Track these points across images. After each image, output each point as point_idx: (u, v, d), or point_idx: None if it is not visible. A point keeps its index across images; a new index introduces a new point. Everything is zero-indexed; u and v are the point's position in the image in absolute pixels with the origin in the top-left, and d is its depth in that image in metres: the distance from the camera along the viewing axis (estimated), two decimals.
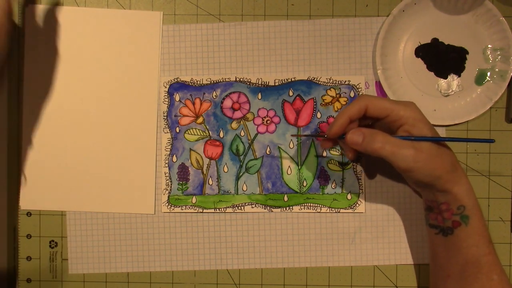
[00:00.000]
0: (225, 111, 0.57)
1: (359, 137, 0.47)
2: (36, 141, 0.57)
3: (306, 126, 0.57)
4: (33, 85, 0.57)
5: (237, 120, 0.57)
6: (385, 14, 0.57)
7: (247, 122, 0.57)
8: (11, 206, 0.57)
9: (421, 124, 0.47)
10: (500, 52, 0.56)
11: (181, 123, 0.57)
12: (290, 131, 0.57)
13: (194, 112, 0.57)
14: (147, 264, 0.58)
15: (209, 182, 0.57)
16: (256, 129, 0.57)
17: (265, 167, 0.57)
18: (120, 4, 0.57)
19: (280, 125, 0.57)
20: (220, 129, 0.57)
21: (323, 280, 0.57)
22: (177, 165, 0.57)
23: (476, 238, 0.48)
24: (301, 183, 0.57)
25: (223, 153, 0.57)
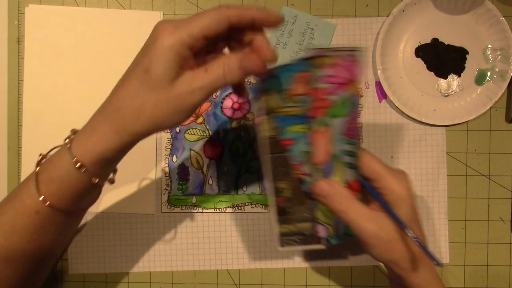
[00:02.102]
0: (225, 111, 0.57)
1: (327, 190, 0.42)
2: (36, 140, 0.57)
3: None
4: (33, 85, 0.57)
5: (237, 120, 0.57)
6: (385, 14, 0.57)
7: (247, 122, 0.57)
8: None
9: (404, 206, 0.42)
10: (500, 52, 0.56)
11: (181, 123, 0.57)
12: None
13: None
14: (147, 264, 0.58)
15: (209, 182, 0.57)
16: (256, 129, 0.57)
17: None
18: (120, 4, 0.57)
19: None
20: (220, 129, 0.57)
21: (323, 280, 0.57)
22: (177, 165, 0.57)
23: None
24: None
25: (223, 153, 0.57)
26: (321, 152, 0.43)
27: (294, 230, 0.46)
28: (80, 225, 0.57)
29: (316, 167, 0.43)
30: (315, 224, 0.45)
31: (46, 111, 0.57)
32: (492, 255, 0.57)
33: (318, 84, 0.41)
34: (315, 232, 0.45)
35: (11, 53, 0.57)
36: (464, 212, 0.57)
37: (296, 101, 0.42)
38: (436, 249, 0.57)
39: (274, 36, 0.56)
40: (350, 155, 0.43)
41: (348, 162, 0.43)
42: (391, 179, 0.42)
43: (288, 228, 0.46)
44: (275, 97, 0.42)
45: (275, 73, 0.42)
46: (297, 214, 0.45)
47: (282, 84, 0.42)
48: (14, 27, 0.57)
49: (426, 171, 0.57)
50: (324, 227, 0.45)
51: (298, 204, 0.45)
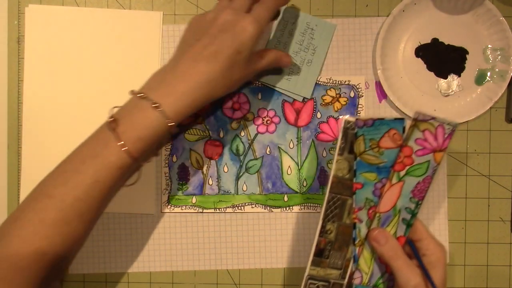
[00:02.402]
0: (225, 111, 0.57)
1: (383, 239, 0.47)
2: (36, 141, 0.57)
3: (306, 126, 0.57)
4: (33, 85, 0.57)
5: (237, 120, 0.57)
6: (385, 14, 0.57)
7: (247, 122, 0.57)
8: (11, 206, 0.57)
9: (441, 267, 0.47)
10: (500, 52, 0.56)
11: (181, 123, 0.57)
12: (290, 132, 0.57)
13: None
14: (147, 264, 0.58)
15: (209, 182, 0.57)
16: (256, 129, 0.57)
17: (265, 167, 0.57)
18: (120, 4, 0.57)
19: (280, 125, 0.57)
20: (220, 129, 0.57)
21: None
22: (177, 165, 0.57)
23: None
24: (301, 183, 0.57)
25: (223, 153, 0.57)
26: (387, 203, 0.47)
27: (322, 274, 0.49)
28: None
29: (378, 215, 0.48)
30: (355, 270, 0.49)
31: (46, 111, 0.57)
32: (492, 255, 0.57)
33: (411, 144, 0.46)
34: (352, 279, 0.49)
35: (11, 53, 0.57)
36: (464, 212, 0.57)
37: (381, 153, 0.47)
38: None
39: (275, 36, 0.56)
40: (410, 213, 0.47)
41: (405, 219, 0.47)
42: (434, 242, 0.47)
43: (318, 271, 0.49)
44: (362, 143, 0.47)
45: (373, 123, 0.46)
46: (332, 259, 0.49)
47: (374, 134, 0.47)
48: (14, 27, 0.57)
49: None
50: (361, 274, 0.49)
51: (336, 250, 0.49)
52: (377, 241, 0.47)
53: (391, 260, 0.46)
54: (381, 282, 0.49)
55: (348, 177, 0.48)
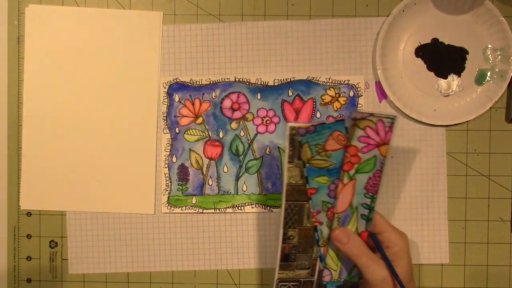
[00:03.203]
0: (225, 111, 0.57)
1: (345, 238, 0.48)
2: (36, 141, 0.57)
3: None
4: (33, 85, 0.57)
5: (237, 120, 0.57)
6: (385, 14, 0.57)
7: (246, 122, 0.57)
8: (11, 206, 0.57)
9: (404, 256, 0.48)
10: (500, 52, 0.56)
11: (181, 123, 0.57)
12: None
13: (193, 112, 0.57)
14: (147, 264, 0.58)
15: (209, 182, 0.57)
16: (255, 129, 0.57)
17: (265, 167, 0.57)
18: (120, 4, 0.57)
19: (279, 125, 0.57)
20: (219, 129, 0.57)
21: None
22: (177, 166, 0.57)
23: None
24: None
25: (222, 154, 0.57)
26: (343, 202, 0.48)
27: (292, 276, 0.50)
28: (80, 225, 0.57)
29: (337, 215, 0.48)
30: (323, 268, 0.50)
31: (46, 111, 0.57)
32: (492, 255, 0.57)
33: (355, 143, 0.47)
34: (322, 277, 0.50)
35: (11, 53, 0.57)
36: (464, 212, 0.57)
37: (328, 156, 0.47)
38: (436, 249, 0.57)
39: None
40: (367, 208, 0.48)
41: (363, 214, 0.48)
42: (395, 233, 0.48)
43: (287, 274, 0.50)
44: (309, 149, 0.47)
45: (315, 129, 0.47)
46: (298, 261, 0.50)
47: (318, 139, 0.47)
48: (14, 27, 0.57)
49: (426, 171, 0.57)
50: (330, 272, 0.50)
51: (301, 252, 0.50)
52: (339, 241, 0.48)
53: (355, 258, 0.47)
54: (352, 276, 0.50)
55: (301, 183, 0.48)
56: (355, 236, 0.48)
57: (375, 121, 0.46)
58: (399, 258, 0.47)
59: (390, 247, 0.48)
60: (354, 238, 0.48)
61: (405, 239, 0.49)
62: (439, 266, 0.57)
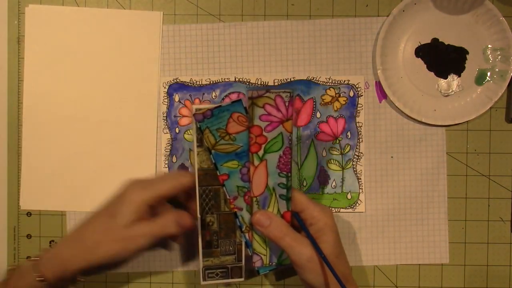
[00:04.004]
0: None
1: (267, 221, 0.47)
2: (36, 141, 0.57)
3: (306, 126, 0.57)
4: (33, 85, 0.57)
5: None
6: (385, 14, 0.57)
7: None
8: (11, 206, 0.57)
9: (329, 231, 0.47)
10: (500, 52, 0.56)
11: (181, 123, 0.57)
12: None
13: None
14: (147, 264, 0.58)
15: None
16: None
17: None
18: (120, 4, 0.57)
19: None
20: None
21: None
22: (177, 166, 0.57)
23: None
24: (301, 182, 0.57)
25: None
26: (259, 185, 0.47)
27: (217, 263, 0.50)
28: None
29: (255, 199, 0.47)
30: (252, 254, 0.49)
31: (46, 111, 0.57)
32: (492, 255, 0.57)
33: (257, 122, 0.46)
34: (252, 263, 0.49)
35: (11, 53, 0.57)
36: (464, 212, 0.57)
37: (233, 139, 0.47)
38: (436, 249, 0.57)
39: None
40: (284, 187, 0.48)
41: (282, 194, 0.48)
42: (317, 209, 0.47)
43: (212, 261, 0.50)
44: (211, 135, 0.47)
45: (212, 113, 0.46)
46: (222, 247, 0.50)
47: (219, 123, 0.46)
48: (14, 27, 0.57)
49: (426, 171, 0.57)
50: (260, 257, 0.49)
51: (224, 238, 0.49)
52: (261, 224, 0.47)
53: (278, 240, 0.46)
54: (283, 258, 0.49)
55: (213, 167, 0.47)
56: (277, 217, 0.47)
57: (273, 97, 0.46)
58: (323, 233, 0.47)
59: (314, 224, 0.47)
60: (275, 220, 0.47)
61: (328, 214, 0.48)
62: (439, 266, 0.57)
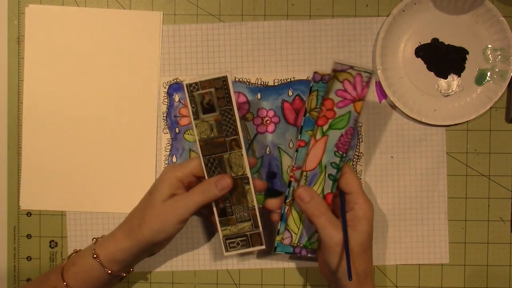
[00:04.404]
0: None
1: (308, 197, 0.48)
2: (36, 141, 0.57)
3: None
4: (33, 85, 0.57)
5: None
6: (385, 14, 0.57)
7: (246, 122, 0.57)
8: (11, 206, 0.57)
9: (366, 223, 0.47)
10: (500, 52, 0.56)
11: (181, 123, 0.57)
12: (290, 131, 0.57)
13: None
14: (147, 264, 0.58)
15: None
16: (255, 129, 0.57)
17: (264, 167, 0.57)
18: (120, 4, 0.57)
19: (279, 125, 0.57)
20: None
21: (323, 280, 0.57)
22: None
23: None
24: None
25: None
26: (313, 159, 0.48)
27: (235, 231, 0.50)
28: (80, 225, 0.57)
29: (305, 173, 0.48)
30: (284, 230, 0.50)
31: (46, 111, 0.57)
32: (492, 255, 0.57)
33: (332, 96, 0.46)
34: (282, 240, 0.50)
35: (11, 53, 0.57)
36: (464, 212, 0.57)
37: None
38: (436, 249, 0.57)
39: None
40: (335, 167, 0.48)
41: (331, 174, 0.48)
42: (364, 198, 0.48)
43: (230, 229, 0.50)
44: (316, 99, 0.47)
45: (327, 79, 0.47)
46: (237, 214, 0.50)
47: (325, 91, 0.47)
48: (14, 27, 0.57)
49: (426, 171, 0.57)
50: (290, 234, 0.50)
51: (236, 204, 0.49)
52: (301, 199, 0.48)
53: (314, 217, 0.47)
54: (311, 242, 0.50)
55: (213, 136, 0.48)
56: (318, 196, 0.48)
57: (354, 75, 0.46)
58: (360, 223, 0.47)
59: (355, 210, 0.48)
60: (316, 198, 0.48)
61: (371, 206, 0.48)
62: (439, 266, 0.57)
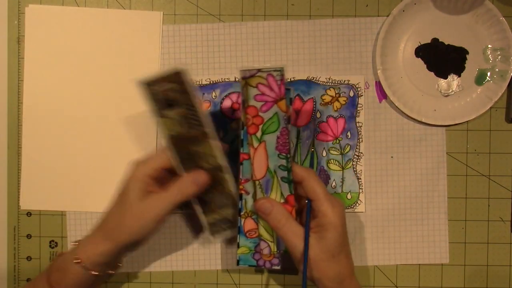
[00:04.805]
0: (225, 111, 0.57)
1: (268, 208, 0.47)
2: (36, 141, 0.57)
3: (306, 126, 0.57)
4: (33, 85, 0.57)
5: (237, 120, 0.57)
6: (385, 14, 0.57)
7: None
8: (11, 206, 0.57)
9: (332, 229, 0.46)
10: (500, 52, 0.56)
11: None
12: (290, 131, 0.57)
13: None
14: (147, 264, 0.58)
15: None
16: None
17: None
18: (120, 4, 0.57)
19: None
20: (219, 129, 0.57)
21: None
22: None
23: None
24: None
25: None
26: (260, 167, 0.47)
27: (219, 218, 0.50)
28: (80, 225, 0.57)
29: (257, 182, 0.47)
30: (259, 241, 0.50)
31: (46, 111, 0.57)
32: (492, 255, 0.57)
33: (252, 103, 0.45)
34: (259, 250, 0.50)
35: (11, 53, 0.57)
36: (464, 212, 0.57)
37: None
38: (436, 249, 0.57)
39: None
40: (284, 169, 0.47)
41: (283, 177, 0.47)
42: (326, 204, 0.46)
43: (213, 217, 0.50)
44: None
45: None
46: (217, 201, 0.49)
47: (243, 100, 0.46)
48: (14, 27, 0.57)
49: (426, 171, 0.57)
50: (267, 244, 0.50)
51: (215, 192, 0.49)
52: (262, 211, 0.47)
53: (276, 229, 0.47)
54: None
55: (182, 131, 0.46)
56: (279, 206, 0.47)
57: (265, 76, 0.45)
58: (325, 229, 0.46)
59: (319, 218, 0.47)
60: (277, 209, 0.47)
61: (337, 211, 0.46)
62: (439, 266, 0.57)
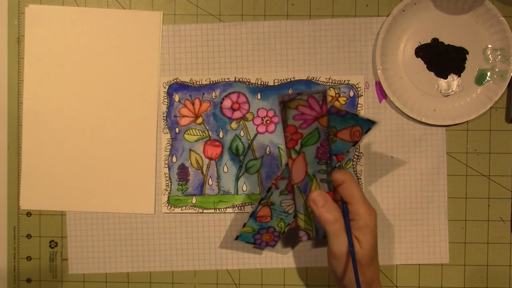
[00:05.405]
0: (225, 111, 0.57)
1: (321, 201, 0.47)
2: (36, 141, 0.57)
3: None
4: (33, 85, 0.57)
5: (237, 120, 0.57)
6: (385, 14, 0.57)
7: (246, 122, 0.57)
8: (11, 206, 0.57)
9: (369, 233, 0.47)
10: (500, 52, 0.56)
11: (181, 123, 0.57)
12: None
13: (193, 112, 0.57)
14: (147, 264, 0.58)
15: (209, 182, 0.57)
16: (255, 129, 0.57)
17: (265, 167, 0.57)
18: (120, 4, 0.57)
19: (279, 125, 0.57)
20: (219, 129, 0.57)
21: (323, 280, 0.57)
22: (177, 166, 0.57)
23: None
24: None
25: (222, 153, 0.57)
26: (299, 173, 0.48)
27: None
28: (80, 225, 0.57)
29: (296, 186, 0.49)
30: (298, 231, 0.51)
31: (46, 111, 0.57)
32: (492, 255, 0.57)
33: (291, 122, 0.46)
34: (299, 238, 0.52)
35: (11, 53, 0.57)
36: (464, 212, 0.57)
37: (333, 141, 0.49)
38: (436, 249, 0.57)
39: None
40: (324, 173, 0.48)
41: (323, 179, 0.49)
42: (364, 208, 0.47)
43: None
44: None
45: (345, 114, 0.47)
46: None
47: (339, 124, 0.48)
48: (14, 27, 0.57)
49: (426, 171, 0.57)
50: (306, 233, 0.52)
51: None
52: (315, 203, 0.47)
53: (327, 223, 0.47)
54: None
55: None
56: (332, 202, 0.48)
57: (306, 99, 0.45)
58: (362, 233, 0.46)
59: (356, 220, 0.47)
60: (330, 203, 0.47)
61: (373, 215, 0.47)
62: (439, 266, 0.57)
